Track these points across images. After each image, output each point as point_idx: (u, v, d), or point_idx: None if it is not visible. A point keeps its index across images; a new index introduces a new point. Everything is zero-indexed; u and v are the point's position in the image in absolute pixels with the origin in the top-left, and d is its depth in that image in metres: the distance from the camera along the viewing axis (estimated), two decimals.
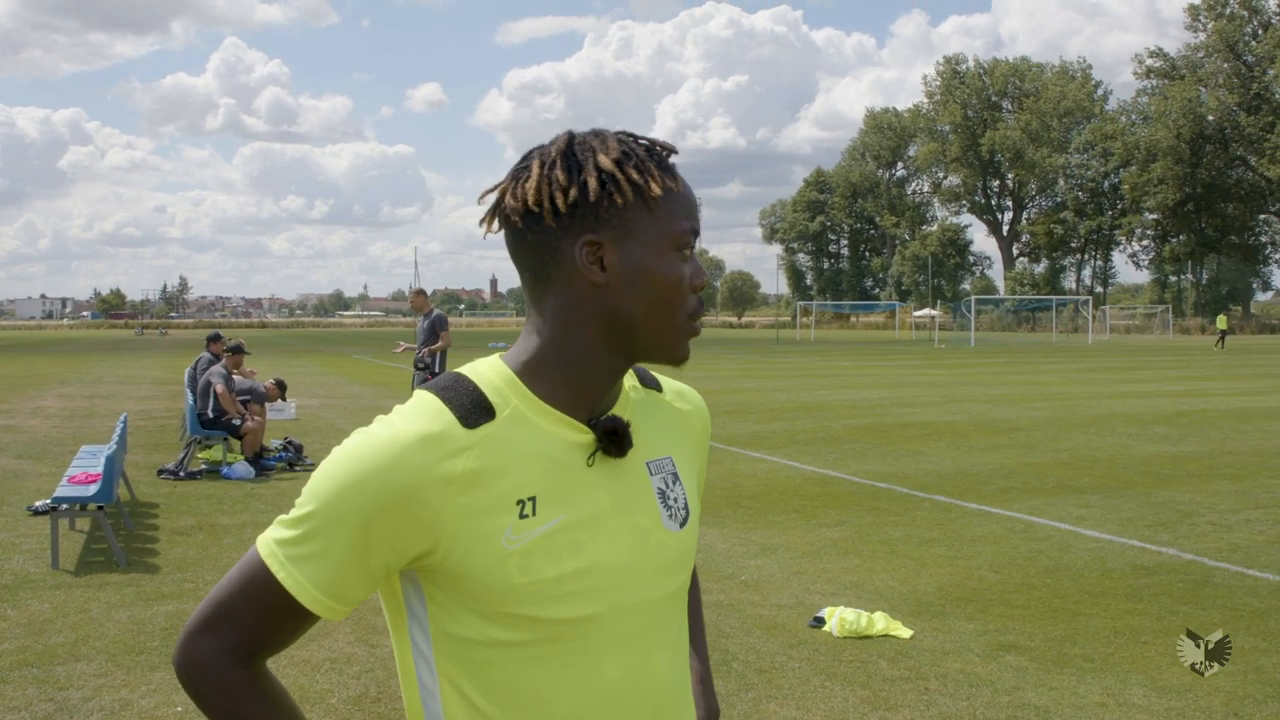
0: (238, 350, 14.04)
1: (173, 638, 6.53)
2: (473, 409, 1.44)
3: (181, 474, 12.46)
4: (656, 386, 1.70)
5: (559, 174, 1.45)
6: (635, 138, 1.52)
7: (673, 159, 1.54)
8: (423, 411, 1.43)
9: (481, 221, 1.54)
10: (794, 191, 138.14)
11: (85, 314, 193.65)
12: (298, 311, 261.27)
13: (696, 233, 1.52)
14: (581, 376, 1.49)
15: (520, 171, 1.49)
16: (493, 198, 1.53)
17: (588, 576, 1.45)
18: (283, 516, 1.44)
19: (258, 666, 1.48)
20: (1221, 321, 61.52)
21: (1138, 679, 5.85)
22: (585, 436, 1.49)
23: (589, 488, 1.48)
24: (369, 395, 25.05)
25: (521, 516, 1.42)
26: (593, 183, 1.44)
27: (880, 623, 6.66)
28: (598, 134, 1.51)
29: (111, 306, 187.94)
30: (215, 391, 12.98)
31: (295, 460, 13.45)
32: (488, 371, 1.50)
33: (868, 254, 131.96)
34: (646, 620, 1.53)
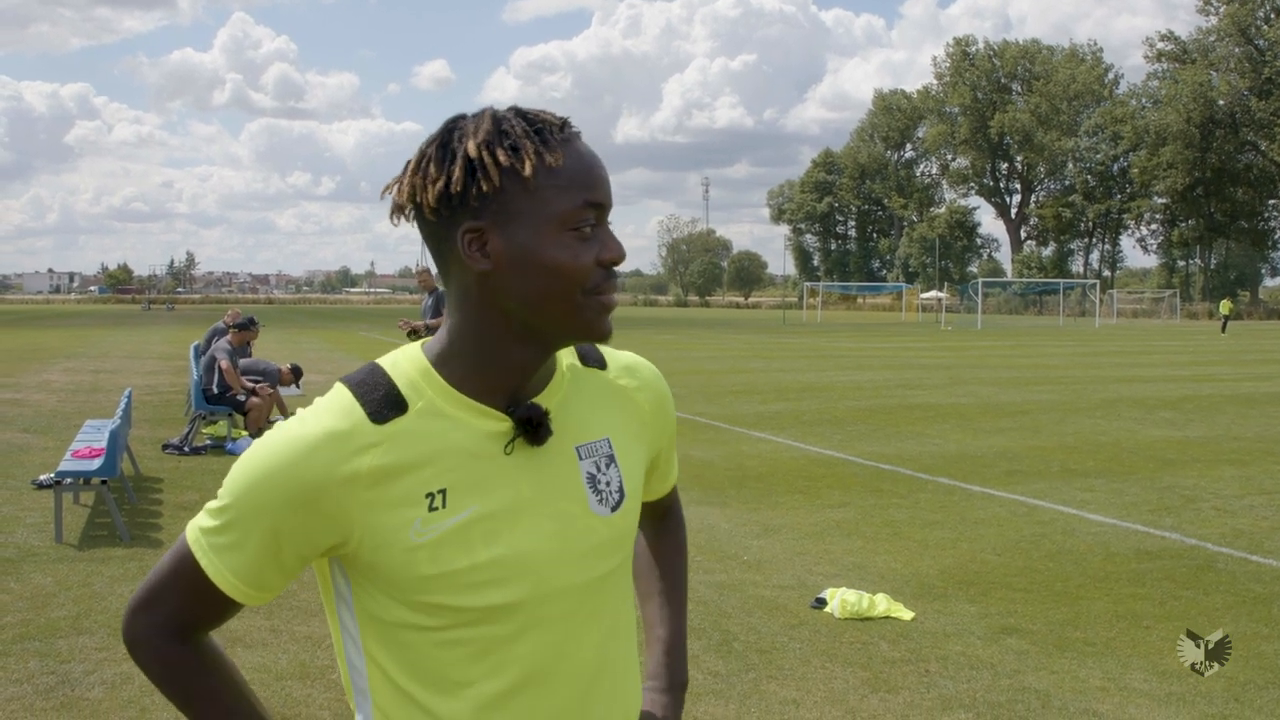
0: (243, 327, 14.04)
1: None
2: (383, 404, 1.45)
3: (186, 449, 12.48)
4: (600, 364, 1.67)
5: (431, 166, 1.43)
6: (521, 113, 1.46)
7: (570, 131, 1.47)
8: (333, 408, 1.45)
9: (390, 215, 1.52)
10: (801, 172, 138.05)
11: (93, 289, 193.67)
12: (304, 288, 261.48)
13: (598, 205, 1.45)
14: (491, 364, 1.48)
15: (405, 166, 1.49)
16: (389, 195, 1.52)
17: (503, 565, 1.46)
18: (209, 504, 1.49)
19: (196, 639, 1.55)
20: (1225, 306, 61.36)
21: (1139, 663, 5.85)
22: (503, 424, 1.49)
23: (506, 477, 1.48)
24: None
25: (431, 509, 1.43)
26: (457, 172, 1.41)
27: (882, 604, 6.66)
28: (478, 116, 1.47)
29: (119, 281, 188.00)
30: (220, 367, 12.99)
31: None
32: (405, 363, 1.50)
33: (875, 235, 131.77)
34: (573, 604, 1.53)
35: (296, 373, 15.16)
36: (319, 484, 1.40)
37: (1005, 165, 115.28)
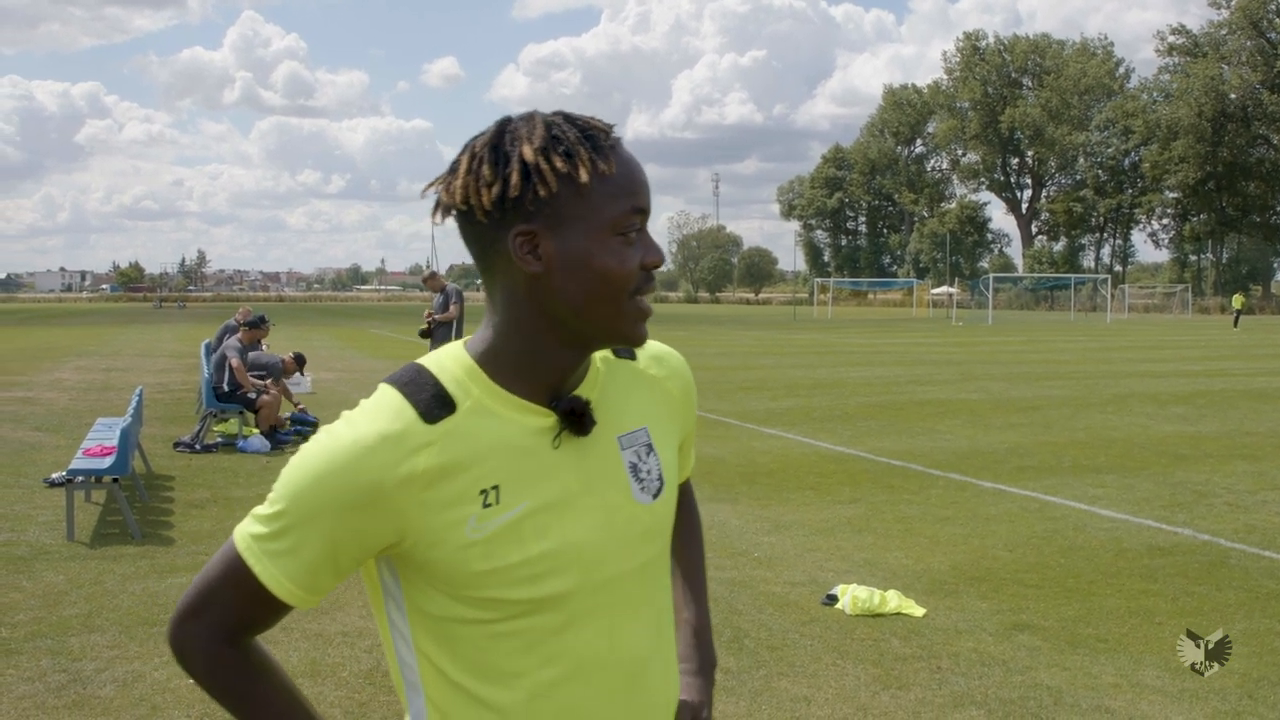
0: (254, 325, 14.05)
1: None
2: (433, 403, 1.46)
3: (197, 447, 12.50)
4: (630, 356, 1.70)
5: (485, 169, 1.45)
6: (570, 119, 1.49)
7: (614, 138, 1.50)
8: (384, 409, 1.46)
9: (432, 214, 1.54)
10: (812, 168, 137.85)
11: (104, 287, 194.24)
12: (315, 285, 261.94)
13: (641, 211, 1.49)
14: (535, 363, 1.51)
15: (455, 166, 1.50)
16: (434, 192, 1.54)
17: (555, 558, 1.48)
18: (257, 510, 1.49)
19: (245, 644, 1.55)
20: (1237, 301, 61.17)
21: (1151, 660, 5.82)
22: (548, 420, 1.51)
23: (555, 470, 1.51)
24: (385, 369, 25.02)
25: (485, 506, 1.45)
26: (514, 177, 1.43)
27: (893, 601, 6.64)
28: (528, 120, 1.49)
29: (130, 280, 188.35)
30: (230, 365, 13.00)
31: (310, 434, 13.46)
32: (449, 362, 1.52)
33: (886, 231, 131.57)
34: (620, 592, 1.56)
35: (299, 360, 15.15)
36: (376, 487, 1.42)
37: (1016, 160, 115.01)
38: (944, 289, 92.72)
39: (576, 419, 1.51)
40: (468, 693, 1.51)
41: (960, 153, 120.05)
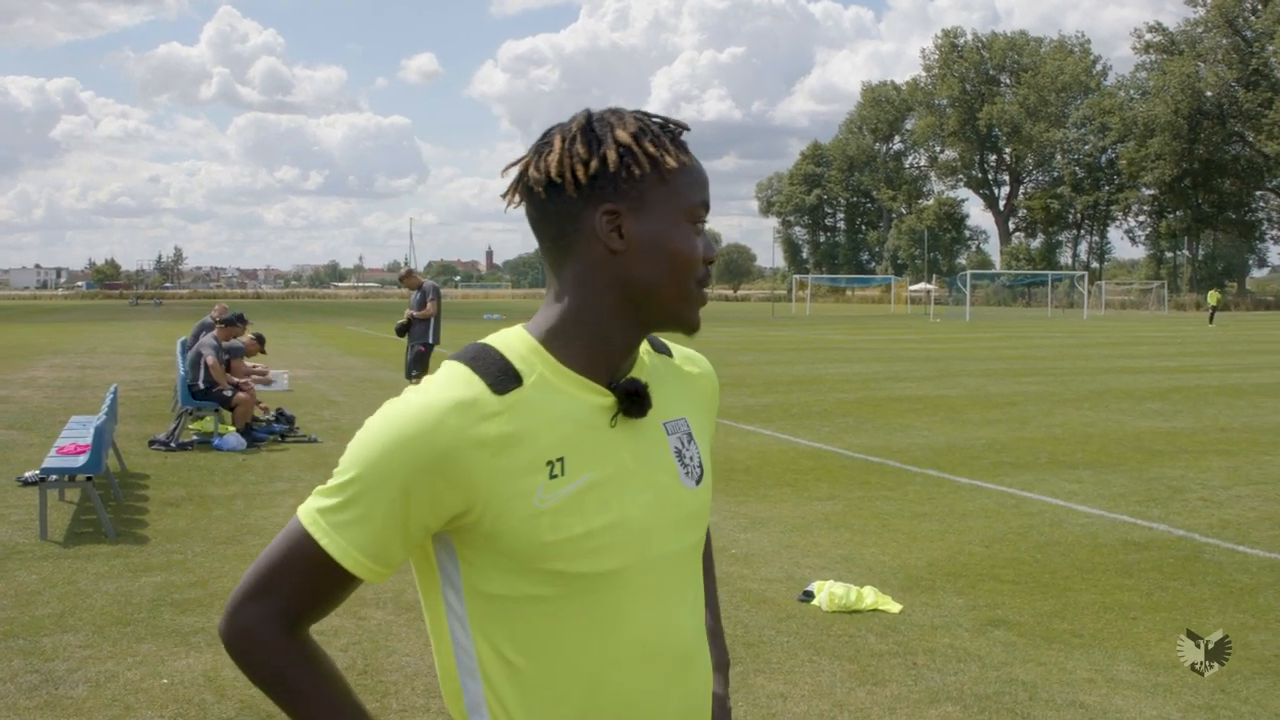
0: (230, 323, 13.99)
1: (160, 609, 6.52)
2: (501, 376, 1.51)
3: (173, 445, 12.43)
4: (667, 352, 1.78)
5: (580, 147, 1.53)
6: (649, 116, 1.60)
7: (685, 136, 1.61)
8: (455, 379, 1.51)
9: (504, 195, 1.62)
10: (790, 164, 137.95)
11: (80, 284, 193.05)
12: (293, 282, 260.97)
13: (707, 207, 1.61)
14: (601, 342, 1.57)
15: (543, 146, 1.57)
16: (514, 172, 1.61)
17: (614, 532, 1.53)
18: (321, 486, 1.52)
19: (302, 633, 1.56)
20: (1213, 297, 61.54)
21: (1126, 655, 5.85)
22: (607, 399, 1.57)
23: (612, 448, 1.56)
24: (363, 366, 25.03)
25: (551, 476, 1.49)
26: (612, 155, 1.52)
27: (869, 597, 6.65)
28: (615, 111, 1.59)
29: (106, 277, 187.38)
30: (206, 363, 12.94)
31: (287, 432, 13.41)
32: (514, 340, 1.58)
33: (864, 227, 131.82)
34: (668, 573, 1.61)
35: (260, 340, 15.11)
36: (450, 449, 1.45)
37: (994, 157, 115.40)
38: (922, 286, 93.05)
39: (636, 400, 1.58)
40: (528, 676, 1.53)
41: (938, 149, 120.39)
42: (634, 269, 1.55)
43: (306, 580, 1.51)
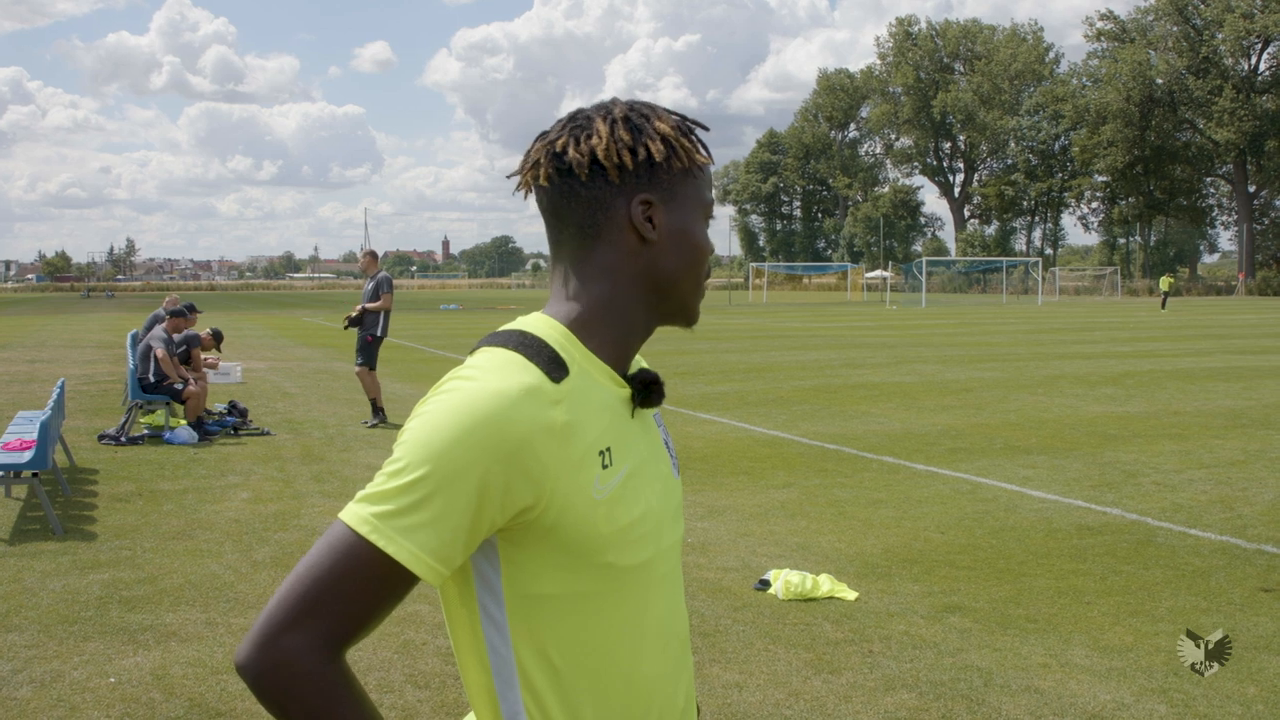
0: (179, 314, 13.82)
1: (108, 607, 6.41)
2: (553, 363, 1.48)
3: (123, 439, 12.27)
4: None
5: (624, 134, 1.53)
6: (676, 113, 1.61)
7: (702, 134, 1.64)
8: (513, 364, 1.45)
9: (523, 172, 1.59)
10: (745, 153, 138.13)
11: (30, 277, 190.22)
12: (248, 274, 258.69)
13: (713, 203, 1.66)
14: (626, 332, 1.58)
15: (578, 129, 1.55)
16: (542, 152, 1.57)
17: (645, 523, 1.53)
18: (376, 489, 1.39)
19: (343, 660, 1.41)
20: (1165, 283, 62.15)
21: (1080, 639, 5.87)
22: (625, 390, 1.58)
23: (635, 438, 1.57)
24: (319, 357, 24.83)
25: (604, 466, 1.48)
26: (657, 146, 1.53)
27: (825, 585, 6.64)
28: (646, 104, 1.60)
29: (57, 269, 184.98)
30: (156, 356, 12.77)
31: (240, 425, 13.26)
32: (546, 328, 1.54)
33: (820, 215, 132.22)
34: (673, 562, 1.64)
35: (217, 337, 14.94)
36: (526, 436, 1.40)
37: (948, 144, 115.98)
38: (878, 273, 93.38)
39: (654, 390, 1.59)
40: (568, 677, 1.50)
41: (893, 137, 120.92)
42: (661, 260, 1.56)
43: (362, 596, 1.37)
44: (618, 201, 1.53)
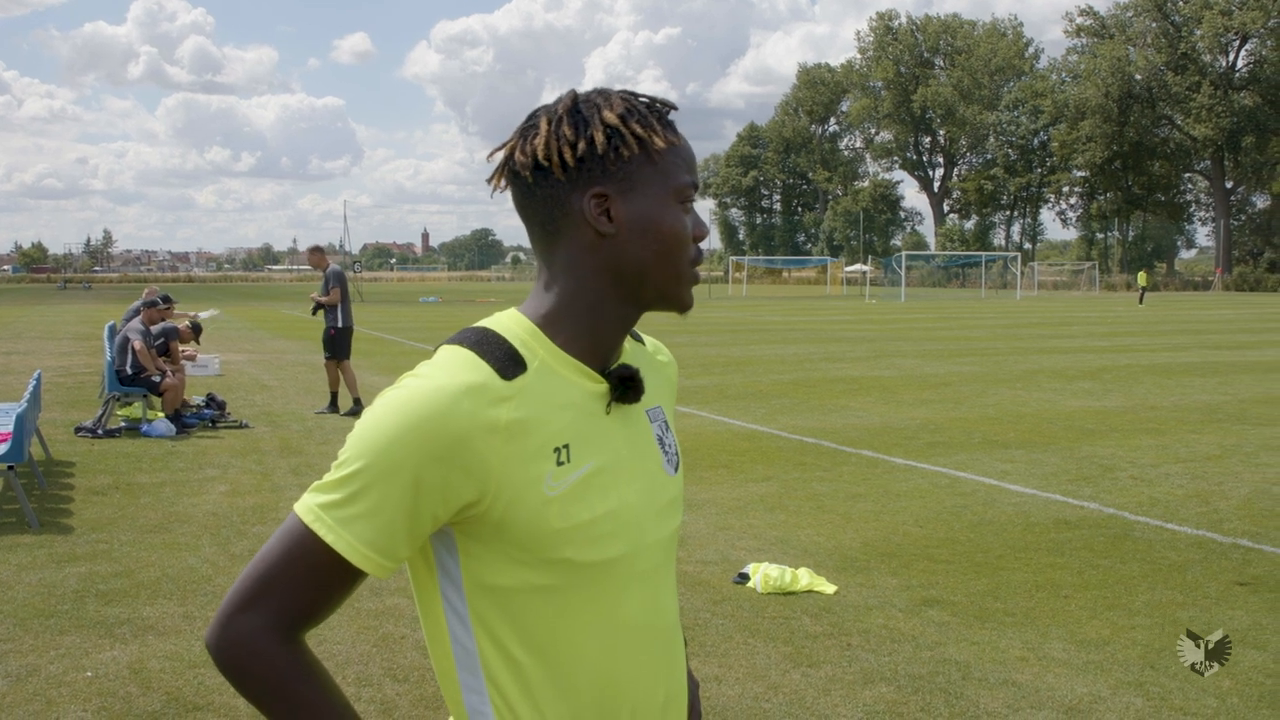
0: (153, 305, 13.74)
1: (85, 600, 6.38)
2: (507, 361, 1.48)
3: (100, 432, 12.20)
4: (640, 341, 1.78)
5: (566, 129, 1.51)
6: (637, 96, 1.58)
7: (672, 115, 1.61)
8: (461, 363, 1.47)
9: (490, 179, 1.60)
10: (725, 146, 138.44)
11: (6, 268, 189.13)
12: (226, 265, 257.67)
13: (696, 186, 1.59)
14: (596, 327, 1.56)
15: (528, 129, 1.56)
16: (500, 156, 1.59)
17: (614, 519, 1.53)
18: (321, 481, 1.46)
19: (300, 641, 1.49)
20: (1142, 278, 62.44)
21: (1058, 632, 5.89)
22: (601, 386, 1.57)
23: (609, 435, 1.56)
24: (296, 350, 24.76)
25: (559, 464, 1.48)
26: (599, 136, 1.50)
27: (804, 579, 6.65)
28: (601, 92, 1.57)
29: (33, 260, 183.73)
30: (133, 348, 12.71)
31: (218, 418, 13.21)
32: (511, 324, 1.55)
33: (800, 209, 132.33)
34: (658, 558, 1.62)
35: (196, 329, 14.89)
36: (463, 435, 1.41)
37: (928, 139, 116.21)
38: (858, 267, 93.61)
39: (631, 386, 1.58)
40: (532, 671, 1.51)
41: (873, 131, 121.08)
42: (625, 252, 1.54)
43: (309, 582, 1.44)
44: (571, 197, 1.52)
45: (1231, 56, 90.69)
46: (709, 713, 4.94)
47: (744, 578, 6.74)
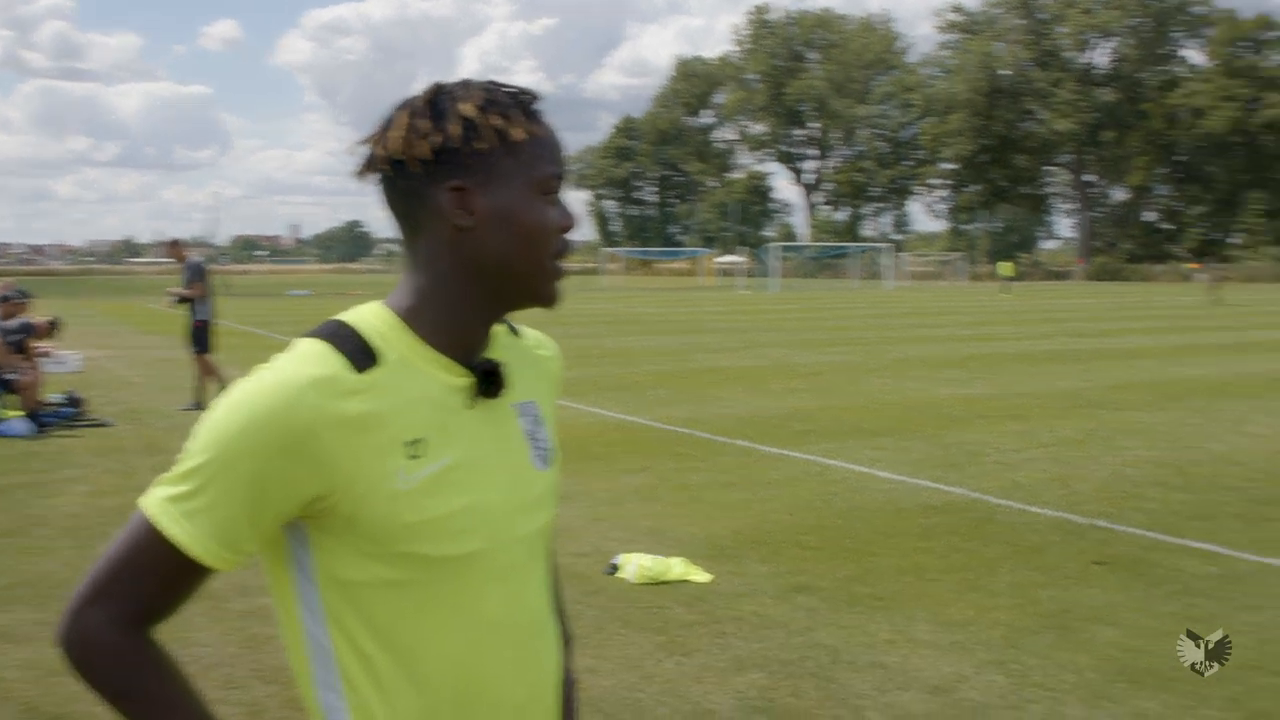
0: (7, 300, 13.29)
1: None
2: (359, 353, 1.47)
3: None
4: (517, 333, 1.75)
5: (422, 122, 1.49)
6: (500, 85, 1.55)
7: (541, 105, 1.58)
8: (311, 356, 1.46)
9: (356, 173, 1.57)
10: (600, 138, 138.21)
11: None
12: (86, 258, 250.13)
13: (561, 176, 1.57)
14: (458, 320, 1.55)
15: (388, 122, 1.53)
16: (365, 149, 1.56)
17: (472, 514, 1.51)
18: (166, 474, 1.45)
19: (149, 635, 1.48)
20: (1007, 268, 63.99)
21: (923, 615, 6.02)
22: (464, 380, 1.55)
23: (470, 429, 1.54)
24: (161, 345, 24.11)
25: (412, 458, 1.46)
26: (455, 128, 1.48)
27: (678, 568, 6.69)
28: (463, 83, 1.55)
29: None
30: None
31: (77, 416, 12.82)
32: (371, 317, 1.53)
33: (674, 201, 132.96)
34: (522, 554, 1.60)
35: (54, 325, 14.46)
36: (309, 428, 1.40)
37: (802, 131, 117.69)
38: (731, 258, 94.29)
39: (492, 380, 1.56)
40: (385, 666, 1.49)
41: (747, 124, 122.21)
42: (485, 245, 1.52)
43: (155, 575, 1.44)
44: (430, 191, 1.50)
45: (1093, 53, 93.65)
46: (583, 704, 4.94)
47: (614, 568, 6.76)
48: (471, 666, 1.54)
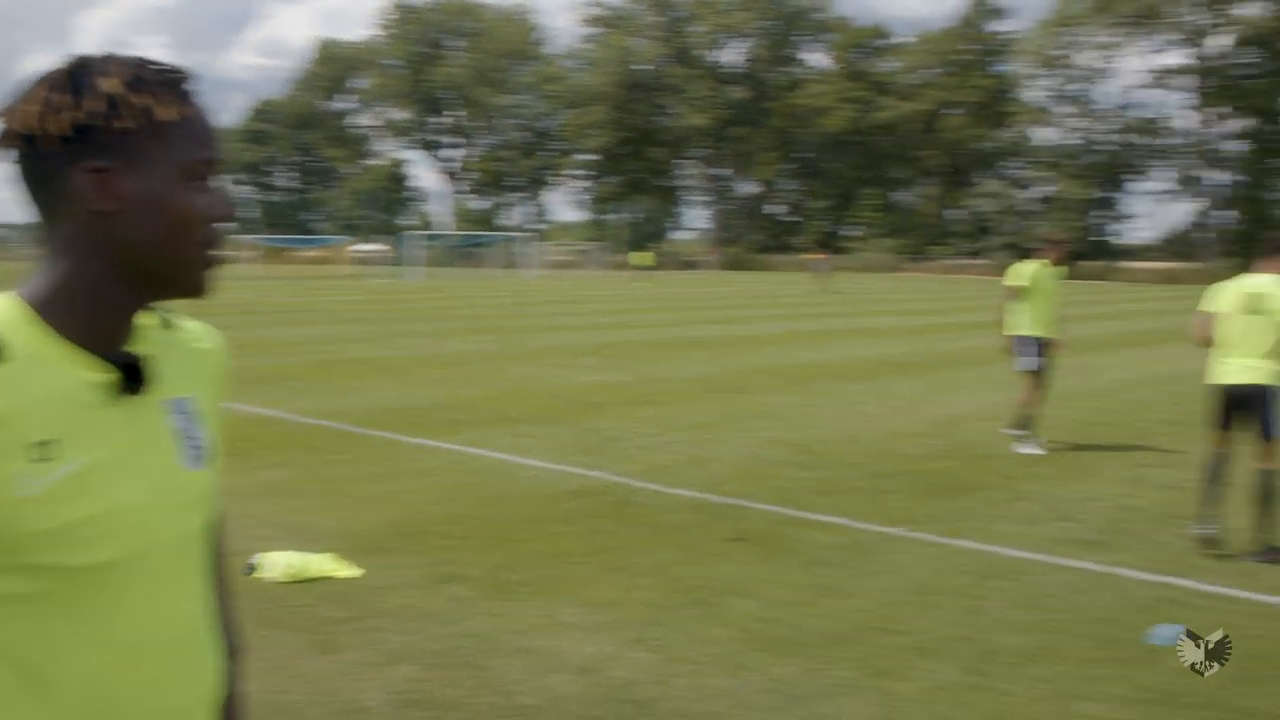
0: None
1: None
2: None
3: None
4: (176, 326, 1.65)
5: (60, 96, 1.39)
6: (149, 62, 1.46)
7: (190, 85, 1.49)
8: None
9: None
10: (233, 120, 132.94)
11: None
12: None
13: (213, 162, 1.49)
14: (97, 311, 1.45)
15: (22, 94, 1.42)
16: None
17: (109, 520, 1.41)
18: None
19: None
20: (641, 258, 66.01)
21: (569, 598, 6.16)
22: (104, 375, 1.45)
23: (109, 428, 1.44)
24: None
25: (41, 460, 1.36)
26: (97, 105, 1.39)
27: (322, 564, 6.56)
28: (108, 57, 1.44)
29: None
30: None
31: None
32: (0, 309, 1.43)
33: (312, 187, 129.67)
34: (172, 559, 1.51)
35: None
36: None
37: (444, 119, 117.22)
38: (370, 246, 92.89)
39: (133, 376, 1.47)
40: (12, 684, 1.38)
41: (388, 110, 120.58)
42: (128, 232, 1.42)
43: None
44: (67, 172, 1.40)
45: (725, 52, 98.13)
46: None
47: (251, 568, 6.54)
48: (107, 684, 1.43)
